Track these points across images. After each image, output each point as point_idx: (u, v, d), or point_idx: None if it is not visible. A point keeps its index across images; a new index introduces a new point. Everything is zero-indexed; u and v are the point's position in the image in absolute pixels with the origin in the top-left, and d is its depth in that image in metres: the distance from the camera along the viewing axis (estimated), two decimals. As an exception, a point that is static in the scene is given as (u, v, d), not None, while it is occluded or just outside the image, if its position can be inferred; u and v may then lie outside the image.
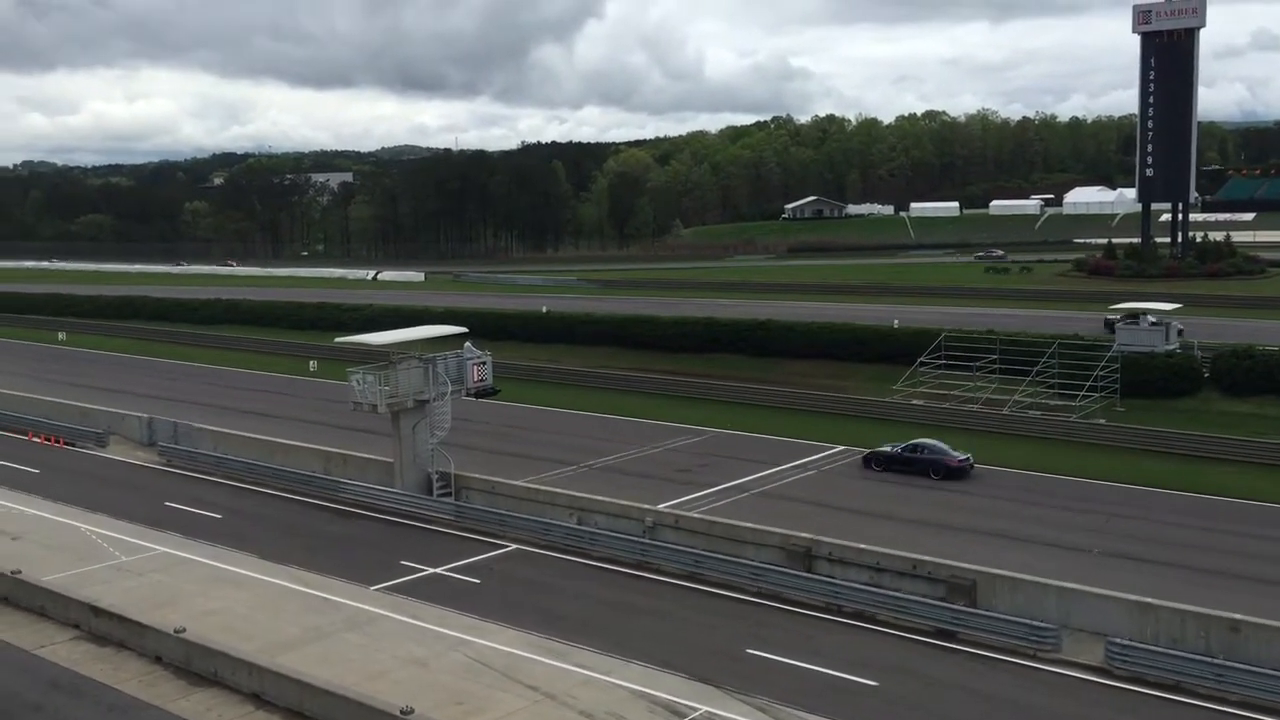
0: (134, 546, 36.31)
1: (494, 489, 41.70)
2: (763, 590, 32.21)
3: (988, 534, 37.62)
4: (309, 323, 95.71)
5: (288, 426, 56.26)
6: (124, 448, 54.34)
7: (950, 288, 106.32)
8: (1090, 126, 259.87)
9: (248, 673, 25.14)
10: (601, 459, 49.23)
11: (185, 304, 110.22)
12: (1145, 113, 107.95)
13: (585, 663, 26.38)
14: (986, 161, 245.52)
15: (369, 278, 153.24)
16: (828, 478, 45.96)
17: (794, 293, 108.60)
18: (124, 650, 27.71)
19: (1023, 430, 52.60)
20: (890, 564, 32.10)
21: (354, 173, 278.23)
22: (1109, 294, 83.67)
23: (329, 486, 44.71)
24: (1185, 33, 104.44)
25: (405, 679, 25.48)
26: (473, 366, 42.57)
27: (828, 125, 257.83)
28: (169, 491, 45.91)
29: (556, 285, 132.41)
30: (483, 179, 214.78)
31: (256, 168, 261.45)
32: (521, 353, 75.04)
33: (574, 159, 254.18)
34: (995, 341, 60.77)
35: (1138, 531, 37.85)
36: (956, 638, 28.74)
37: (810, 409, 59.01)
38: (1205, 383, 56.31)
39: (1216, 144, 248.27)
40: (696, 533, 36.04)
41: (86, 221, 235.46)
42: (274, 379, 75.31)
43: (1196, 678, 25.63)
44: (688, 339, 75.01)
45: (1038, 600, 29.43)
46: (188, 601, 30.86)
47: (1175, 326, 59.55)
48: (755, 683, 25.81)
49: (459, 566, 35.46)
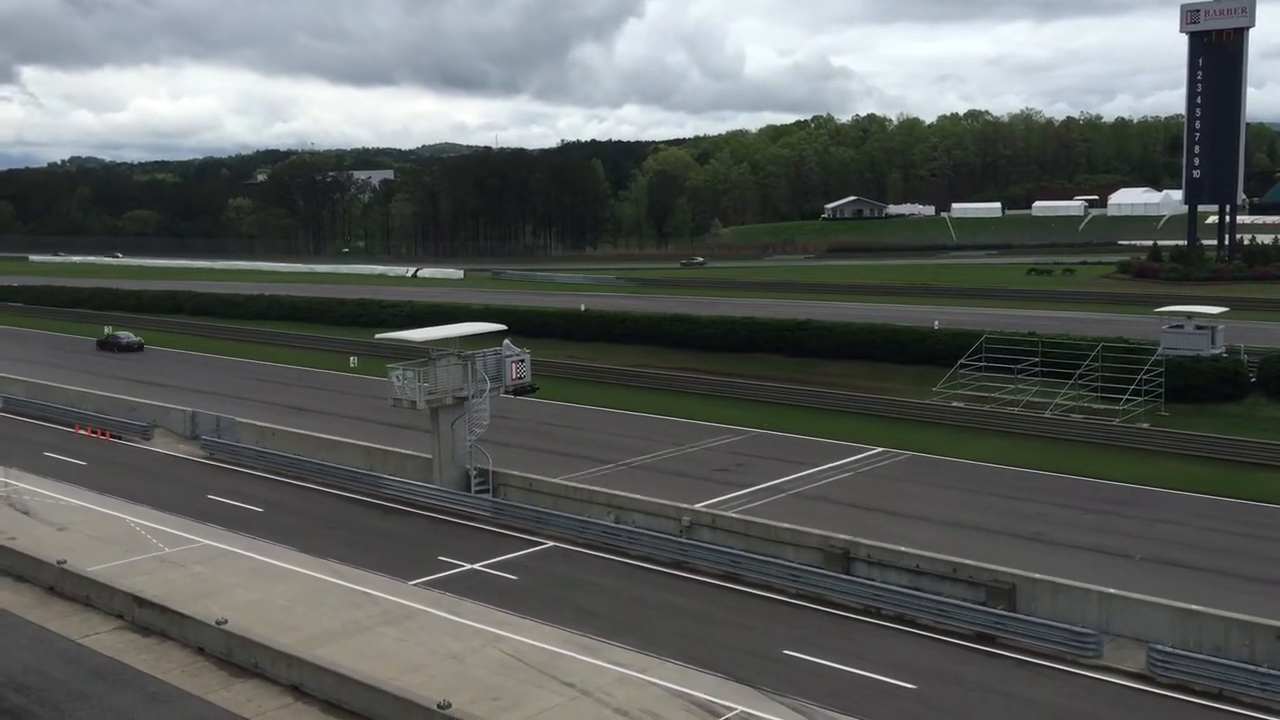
0: (177, 538, 36.76)
1: (531, 486, 41.84)
2: (800, 591, 32.09)
3: (1028, 538, 37.26)
4: (349, 319, 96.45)
5: (328, 421, 56.75)
6: (168, 441, 55.03)
7: (992, 289, 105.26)
8: (1136, 127, 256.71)
9: (287, 665, 25.36)
10: (639, 457, 49.25)
11: (228, 299, 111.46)
12: (1192, 113, 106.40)
13: (621, 660, 26.39)
14: (1029, 162, 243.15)
15: (409, 275, 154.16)
16: (866, 479, 45.71)
17: (833, 293, 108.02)
18: (167, 640, 28.04)
19: (1064, 434, 52.02)
20: (929, 567, 31.88)
21: (394, 170, 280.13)
22: (1154, 297, 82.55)
23: (369, 481, 45.04)
24: (1234, 32, 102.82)
25: (442, 673, 25.61)
26: (511, 364, 42.73)
27: (868, 125, 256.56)
28: (211, 484, 46.45)
29: (595, 284, 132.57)
30: (522, 177, 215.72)
31: (299, 165, 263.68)
32: (560, 351, 75.20)
33: (613, 157, 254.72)
34: (1037, 344, 60.14)
35: (1181, 537, 37.34)
36: (996, 642, 28.49)
37: (849, 410, 58.71)
38: (1252, 387, 55.43)
39: (1265, 145, 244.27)
40: (734, 533, 35.97)
41: (133, 217, 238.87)
42: (315, 374, 75.97)
43: (1241, 686, 25.24)
44: (726, 338, 74.84)
45: (1079, 605, 29.10)
46: (229, 593, 31.19)
47: (1221, 330, 58.66)
48: (792, 684, 25.72)
49: (496, 563, 35.61)
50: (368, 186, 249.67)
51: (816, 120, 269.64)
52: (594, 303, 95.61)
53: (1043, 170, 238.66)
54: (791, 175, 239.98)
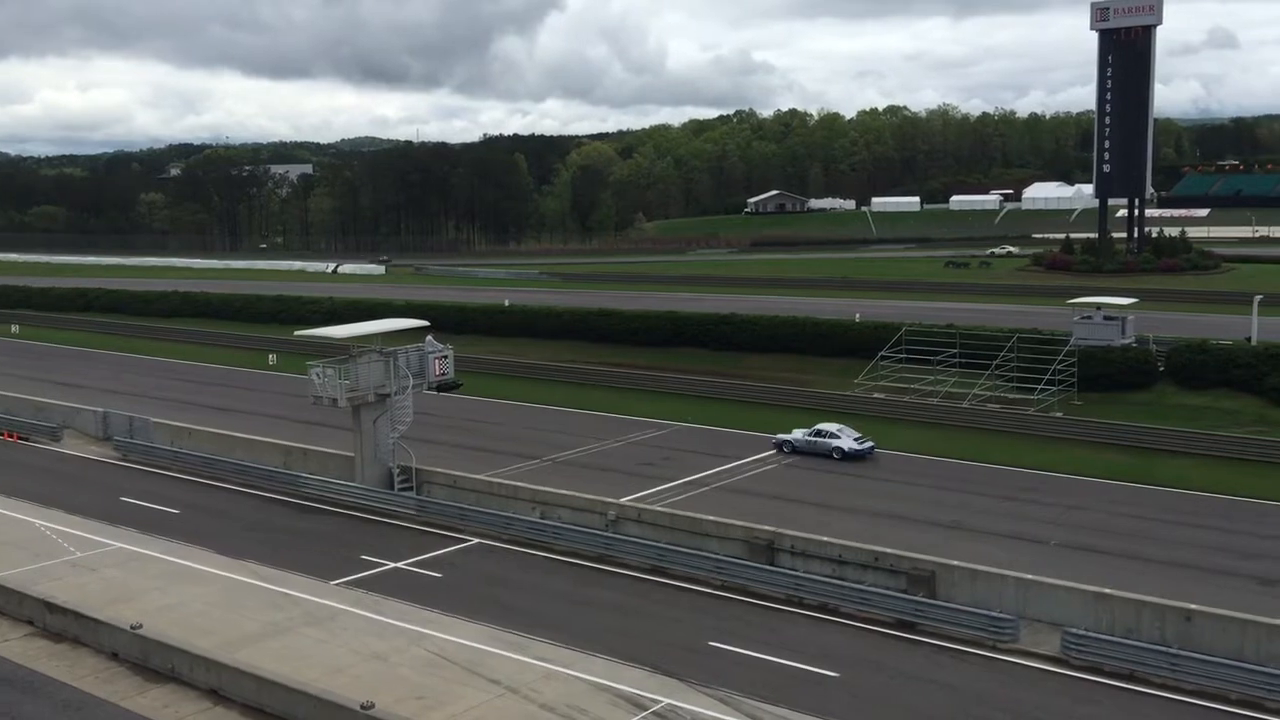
0: (89, 542, 35.82)
1: (456, 483, 41.51)
2: (726, 583, 32.31)
3: (947, 526, 37.95)
4: (268, 316, 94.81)
5: (247, 420, 55.74)
6: (79, 442, 53.58)
7: (911, 282, 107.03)
8: (1049, 123, 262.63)
9: (205, 668, 24.90)
10: (564, 453, 49.16)
11: (141, 296, 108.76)
12: (1103, 109, 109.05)
13: (547, 656, 26.34)
14: (947, 157, 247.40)
15: (329, 271, 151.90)
16: (790, 471, 46.16)
17: (757, 287, 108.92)
18: (80, 646, 27.37)
19: (982, 423, 53.08)
20: (852, 556, 32.31)
21: (313, 164, 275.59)
22: (1067, 289, 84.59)
23: (289, 481, 44.31)
24: (1142, 30, 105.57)
25: (366, 674, 25.32)
26: (434, 360, 42.34)
27: (790, 120, 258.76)
28: (125, 486, 45.35)
29: (519, 279, 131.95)
30: (444, 171, 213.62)
31: (214, 159, 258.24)
32: (484, 346, 74.74)
33: (536, 152, 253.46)
34: (955, 336, 61.24)
35: (1094, 523, 38.32)
36: (917, 629, 28.99)
37: (773, 402, 59.22)
38: (1161, 376, 57.05)
39: (1172, 141, 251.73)
40: (659, 526, 36.09)
41: (40, 212, 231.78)
42: (233, 373, 74.55)
43: (1151, 667, 26.00)
44: (651, 333, 75.01)
45: (996, 591, 29.74)
46: (144, 597, 30.50)
47: (1130, 320, 60.29)
48: (717, 675, 25.89)
49: (420, 561, 35.29)
50: (286, 181, 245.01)
51: (739, 115, 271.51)
52: (518, 298, 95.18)
53: (960, 165, 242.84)
54: (714, 170, 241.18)
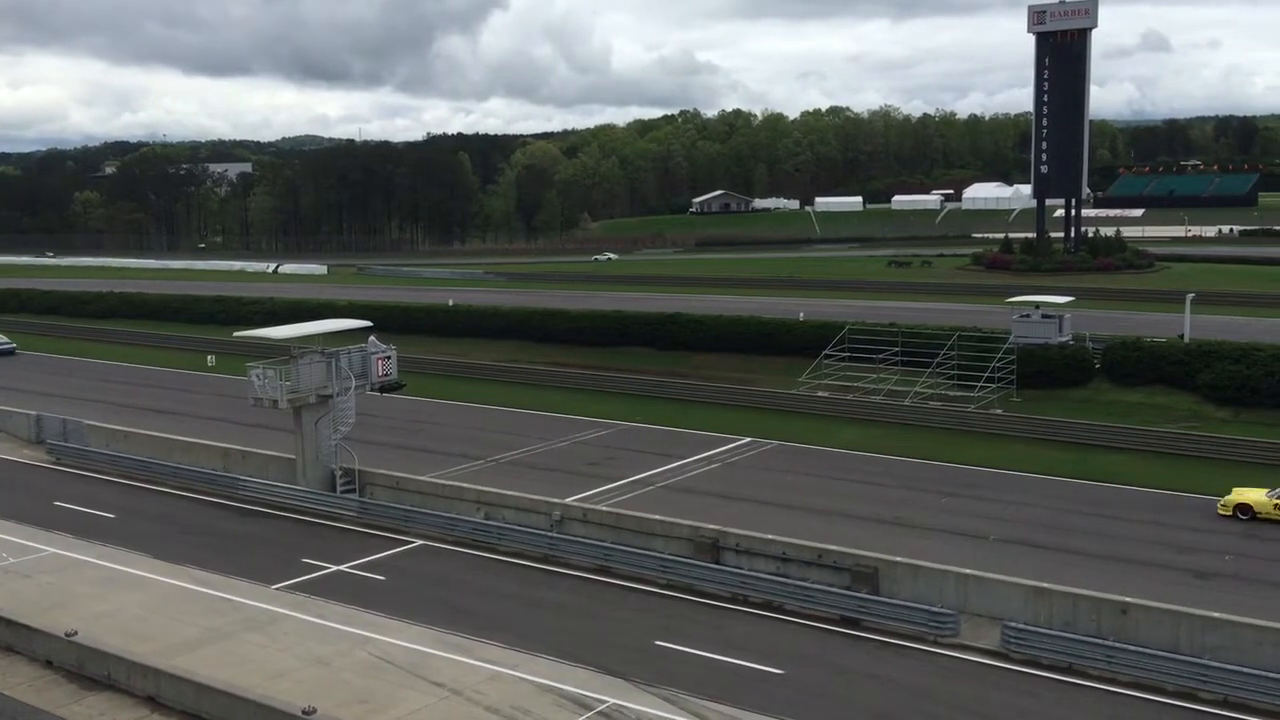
0: (22, 548, 35.07)
1: (399, 485, 41.19)
2: (671, 582, 32.37)
3: (889, 523, 38.33)
4: (207, 317, 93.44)
5: (185, 423, 54.89)
6: (10, 445, 52.42)
7: (854, 281, 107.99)
8: (988, 124, 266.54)
9: (143, 675, 24.49)
10: (509, 453, 48.97)
11: (77, 297, 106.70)
12: (1040, 111, 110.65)
13: (492, 658, 26.23)
14: (889, 157, 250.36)
15: (269, 271, 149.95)
16: (734, 469, 46.37)
17: (702, 286, 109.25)
18: (13, 654, 26.81)
19: (923, 421, 53.70)
20: (796, 554, 32.51)
21: (253, 163, 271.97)
22: (1006, 287, 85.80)
23: (228, 484, 43.69)
24: (1078, 33, 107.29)
25: (308, 678, 25.05)
26: (377, 361, 41.99)
27: (734, 120, 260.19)
28: (59, 491, 44.43)
29: (463, 278, 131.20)
30: (387, 170, 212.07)
31: (150, 157, 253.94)
32: (428, 347, 74.21)
33: (481, 151, 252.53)
34: (897, 334, 61.85)
35: (1033, 518, 38.91)
36: (861, 625, 29.25)
37: (718, 401, 59.47)
38: (1097, 373, 58.07)
39: (1108, 142, 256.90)
40: (605, 526, 36.07)
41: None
42: (171, 374, 73.36)
43: (1088, 659, 26.44)
44: (596, 333, 74.92)
45: (937, 586, 30.09)
46: (80, 604, 29.93)
47: (1067, 319, 61.30)
48: (663, 674, 25.95)
49: (363, 564, 34.96)
50: (224, 180, 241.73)
51: (684, 115, 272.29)
52: (463, 297, 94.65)
53: (901, 165, 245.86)
54: (659, 169, 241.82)
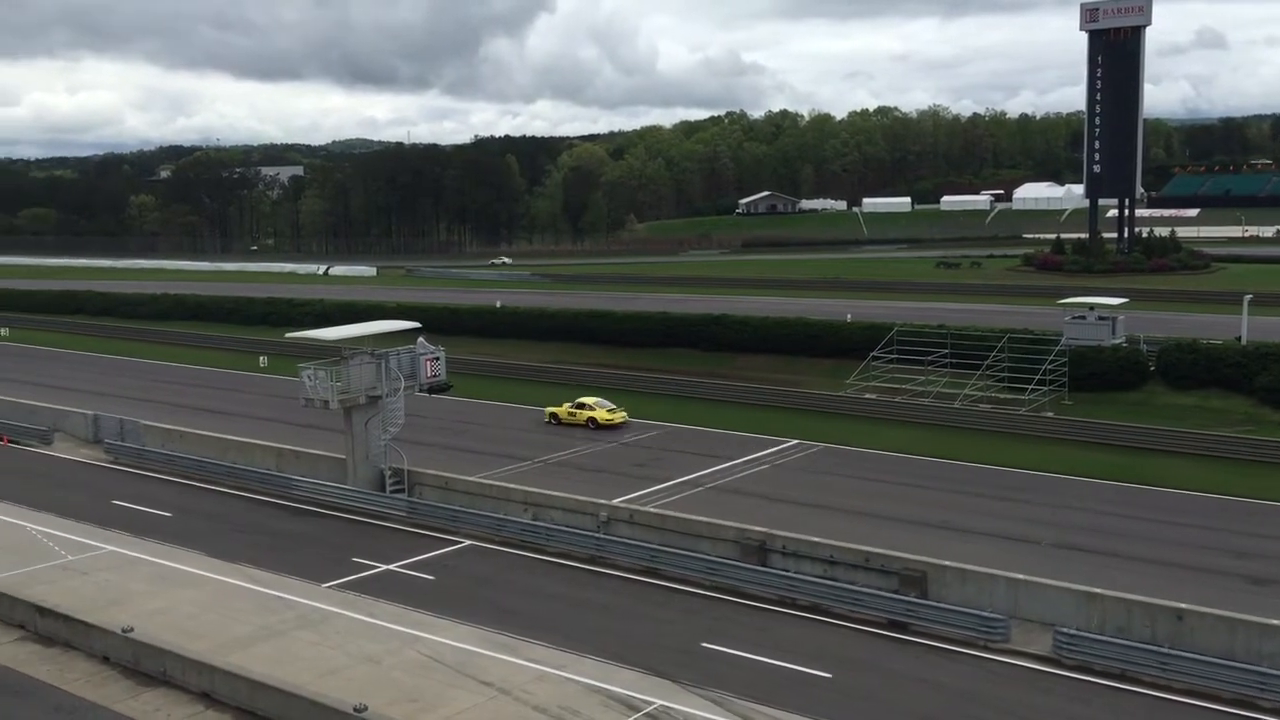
0: (80, 545, 35.74)
1: (447, 485, 41.48)
2: (718, 584, 32.33)
3: (937, 526, 38.02)
4: (259, 318, 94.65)
5: (238, 423, 55.63)
6: (69, 445, 53.44)
7: (902, 282, 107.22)
8: (1039, 123, 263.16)
9: (197, 672, 24.85)
10: (556, 454, 49.14)
11: (131, 299, 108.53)
12: (1092, 110, 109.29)
13: (539, 658, 26.34)
14: (937, 157, 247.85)
15: (320, 273, 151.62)
16: (781, 471, 46.21)
17: (748, 287, 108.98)
18: (71, 650, 27.31)
19: (973, 424, 53.18)
20: (843, 557, 32.35)
21: (304, 166, 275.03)
22: (1057, 289, 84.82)
23: (280, 483, 44.24)
24: (1131, 30, 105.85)
25: (358, 676, 25.30)
26: (426, 362, 42.32)
27: (781, 120, 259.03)
28: (116, 490, 45.23)
29: (510, 280, 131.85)
30: (435, 173, 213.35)
31: (204, 161, 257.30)
32: (475, 348, 74.65)
33: (528, 153, 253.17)
34: (946, 336, 61.36)
35: (1085, 522, 38.41)
36: (909, 629, 29.05)
37: (764, 404, 59.29)
38: (1151, 376, 57.23)
39: (1162, 141, 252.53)
40: (651, 527, 36.09)
41: (30, 215, 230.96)
42: (223, 375, 74.38)
43: (1142, 666, 26.07)
44: (642, 334, 75.03)
45: (987, 591, 29.81)
46: (136, 601, 30.44)
47: (1121, 320, 60.47)
48: (710, 676, 25.93)
49: (412, 563, 35.26)
50: (276, 183, 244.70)
51: (730, 116, 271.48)
52: (509, 299, 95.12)
53: (950, 166, 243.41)
54: (706, 171, 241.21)
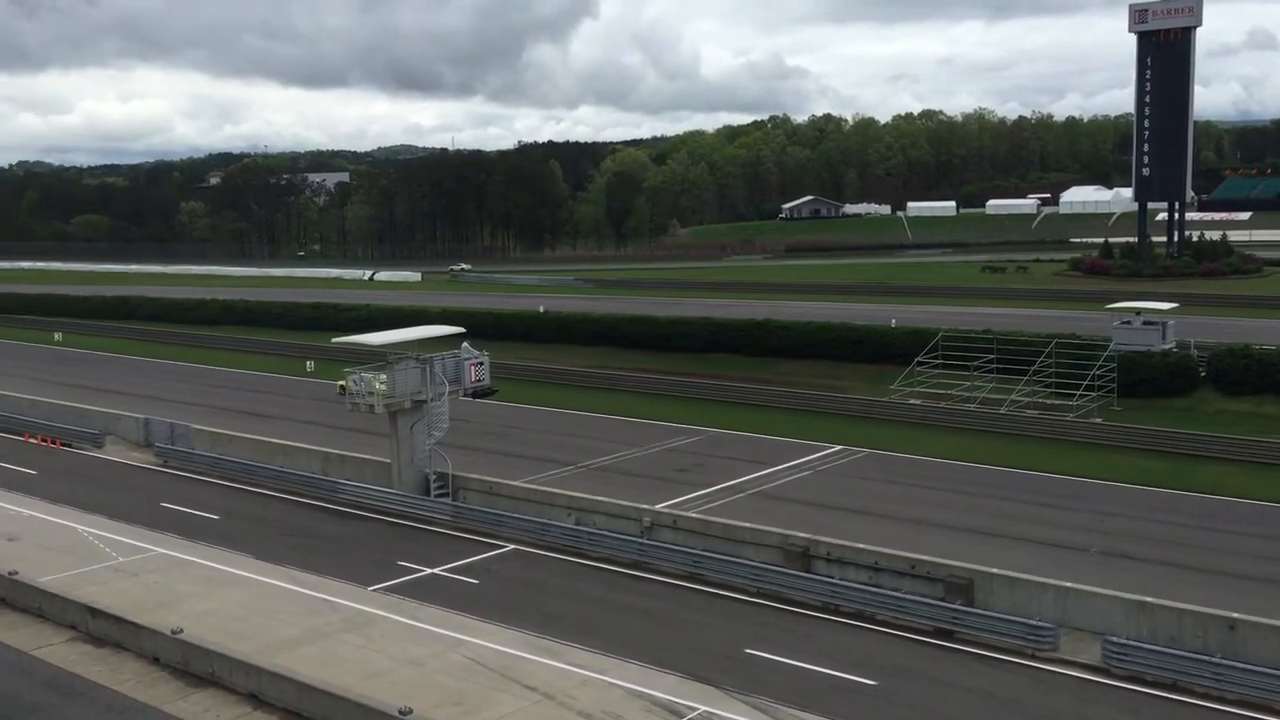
0: (131, 547, 36.24)
1: (491, 489, 41.67)
2: (761, 590, 32.21)
3: (985, 533, 37.64)
4: (306, 323, 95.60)
5: (285, 427, 56.23)
6: (120, 448, 54.27)
7: (947, 287, 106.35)
8: (1086, 126, 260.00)
9: (245, 673, 25.09)
10: (599, 459, 49.22)
11: (181, 304, 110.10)
12: (1141, 112, 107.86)
13: (583, 663, 26.35)
14: (983, 161, 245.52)
15: (365, 278, 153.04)
16: (825, 477, 45.97)
17: (791, 292, 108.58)
18: (121, 651, 27.66)
19: (1020, 429, 52.63)
20: (888, 563, 32.11)
21: (350, 173, 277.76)
22: (1106, 293, 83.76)
23: (326, 487, 44.65)
24: (1181, 32, 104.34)
25: (403, 679, 25.44)
26: (470, 366, 42.55)
27: (824, 124, 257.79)
28: (166, 492, 45.86)
29: (553, 285, 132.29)
30: (479, 179, 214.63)
31: (252, 167, 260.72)
32: (519, 353, 74.98)
33: (571, 159, 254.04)
34: (992, 341, 60.78)
35: (1135, 530, 37.89)
36: (955, 637, 28.76)
37: (807, 409, 59.03)
38: (1202, 381, 56.34)
39: (1213, 143, 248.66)
40: (694, 533, 36.02)
41: (82, 222, 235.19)
42: (270, 379, 75.25)
43: (1194, 676, 25.62)
44: (685, 339, 74.96)
45: (1035, 599, 29.43)
46: (185, 602, 30.80)
47: (1170, 325, 59.58)
48: (754, 682, 25.81)
49: (456, 567, 35.44)
50: (323, 189, 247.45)
51: (773, 120, 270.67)
52: (552, 304, 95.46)
53: (996, 169, 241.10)
54: (749, 175, 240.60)
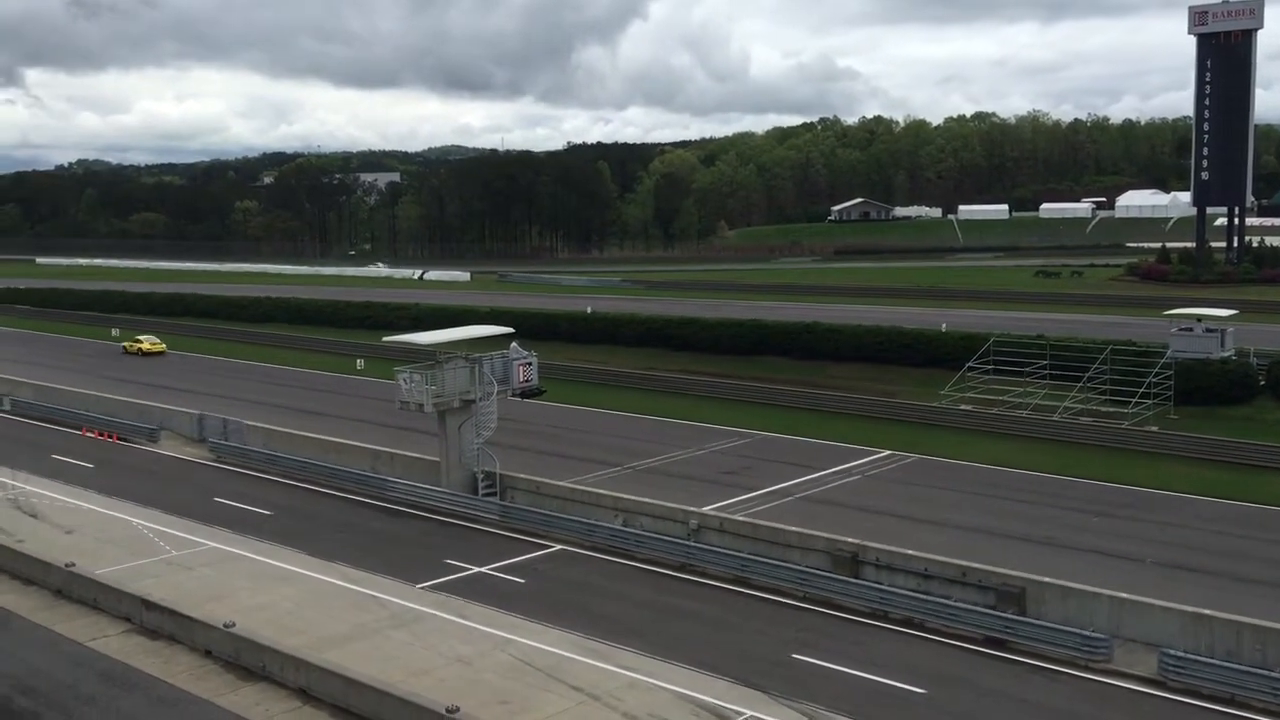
0: (184, 541, 36.75)
1: (539, 489, 41.77)
2: (809, 595, 31.99)
3: (1038, 542, 37.12)
4: (356, 322, 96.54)
5: (335, 424, 56.73)
6: (175, 443, 55.07)
7: (999, 291, 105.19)
8: (1143, 129, 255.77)
9: (295, 668, 25.33)
10: (646, 460, 49.17)
11: (234, 301, 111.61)
12: (1201, 115, 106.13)
13: (629, 664, 26.31)
14: (1036, 163, 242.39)
15: (415, 277, 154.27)
16: (874, 482, 45.58)
17: (840, 295, 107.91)
18: (175, 644, 28.03)
19: (1073, 437, 51.84)
20: (938, 570, 31.74)
21: (401, 173, 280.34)
22: (1163, 299, 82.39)
23: (376, 484, 45.00)
24: (1243, 34, 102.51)
25: (450, 677, 25.55)
26: (518, 367, 42.68)
27: (875, 126, 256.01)
28: (219, 487, 46.45)
29: (601, 286, 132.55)
30: (528, 179, 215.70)
31: (305, 167, 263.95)
32: (566, 353, 75.15)
33: (619, 160, 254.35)
34: (1045, 346, 59.97)
35: (1191, 541, 37.18)
36: (1006, 646, 28.36)
37: (856, 413, 58.57)
38: (1261, 390, 55.23)
39: (1273, 148, 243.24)
40: (741, 536, 35.86)
41: (139, 219, 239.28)
42: (321, 377, 75.99)
43: (1253, 691, 25.09)
44: (733, 341, 74.73)
45: (1089, 609, 28.95)
46: (237, 596, 31.17)
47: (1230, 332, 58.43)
48: (801, 688, 25.63)
49: (504, 566, 35.55)
50: (374, 189, 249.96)
51: (823, 122, 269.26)
52: (600, 305, 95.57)
53: (1050, 172, 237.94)
54: (798, 177, 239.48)
